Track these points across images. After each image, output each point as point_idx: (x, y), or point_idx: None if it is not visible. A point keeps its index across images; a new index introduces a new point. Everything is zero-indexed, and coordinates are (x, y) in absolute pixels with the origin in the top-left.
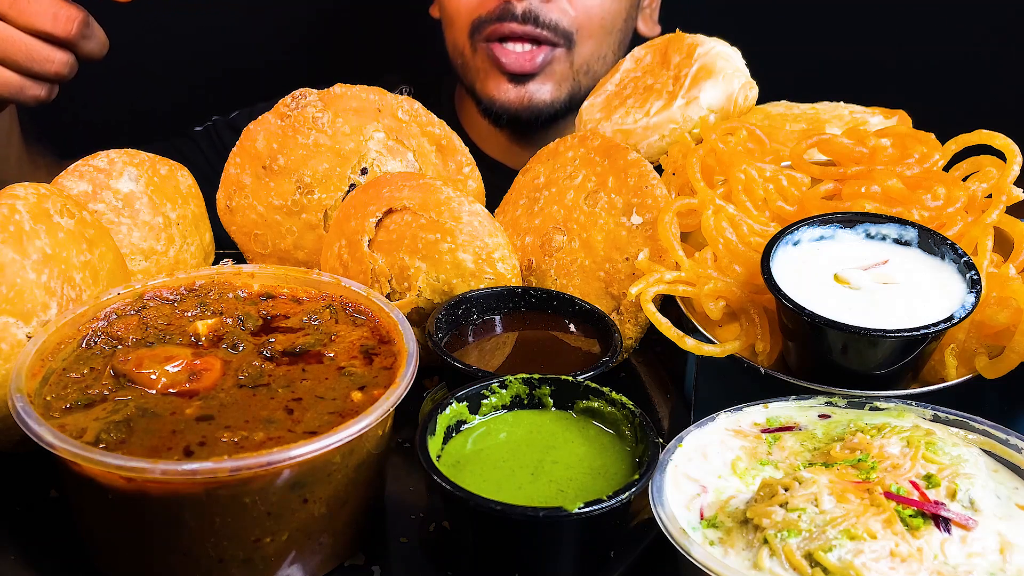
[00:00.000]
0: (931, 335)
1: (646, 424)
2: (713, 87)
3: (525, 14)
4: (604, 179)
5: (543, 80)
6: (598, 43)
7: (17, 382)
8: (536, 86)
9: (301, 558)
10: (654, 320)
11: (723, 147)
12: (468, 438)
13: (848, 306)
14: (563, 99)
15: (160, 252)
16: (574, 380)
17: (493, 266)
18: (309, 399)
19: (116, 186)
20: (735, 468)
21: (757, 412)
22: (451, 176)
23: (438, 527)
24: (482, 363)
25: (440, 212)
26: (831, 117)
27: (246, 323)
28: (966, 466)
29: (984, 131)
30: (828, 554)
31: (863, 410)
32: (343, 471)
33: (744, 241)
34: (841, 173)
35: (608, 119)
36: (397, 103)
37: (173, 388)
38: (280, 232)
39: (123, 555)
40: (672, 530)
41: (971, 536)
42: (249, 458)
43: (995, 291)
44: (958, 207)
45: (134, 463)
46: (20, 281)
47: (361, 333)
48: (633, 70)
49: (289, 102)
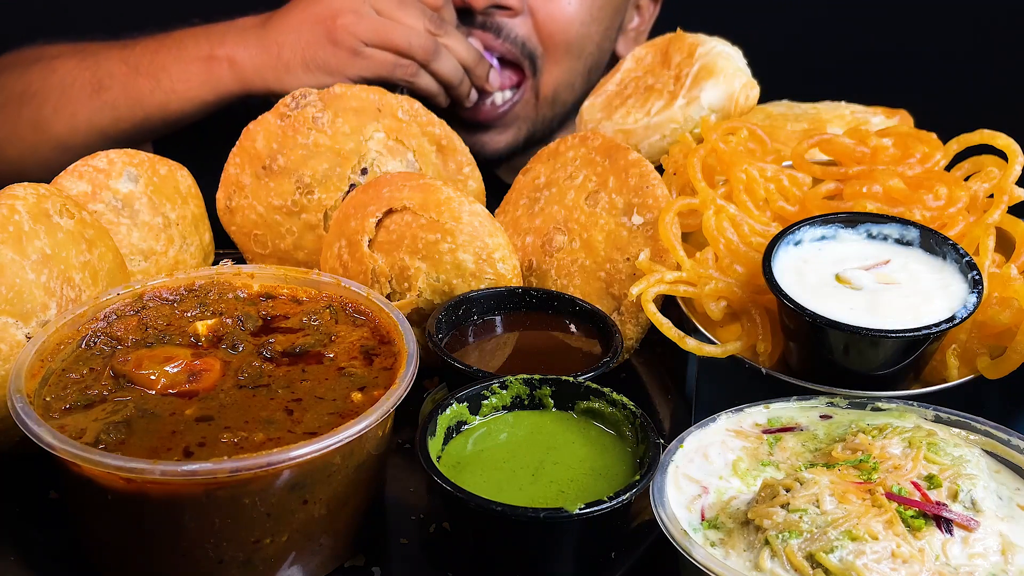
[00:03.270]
0: (933, 335)
1: (647, 425)
2: (714, 87)
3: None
4: (605, 179)
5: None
6: (566, 69)
7: (17, 383)
8: (489, 136)
9: (301, 559)
10: (655, 320)
11: (724, 147)
12: (468, 439)
13: (849, 306)
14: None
15: (160, 252)
16: (575, 381)
17: (493, 266)
18: (309, 400)
19: (115, 186)
20: (736, 469)
21: (758, 413)
22: (451, 176)
23: (438, 528)
24: (482, 364)
25: (440, 212)
26: (832, 117)
27: (246, 323)
28: (968, 467)
29: (986, 131)
30: (830, 555)
31: (864, 411)
32: (343, 472)
33: (745, 241)
34: (843, 173)
35: (609, 119)
36: (397, 103)
37: (173, 389)
38: (280, 232)
39: (122, 556)
40: (673, 531)
41: (973, 537)
42: (249, 459)
43: (997, 291)
44: (960, 207)
45: (134, 464)
46: (20, 281)
47: (361, 334)
48: (634, 70)
49: (289, 102)
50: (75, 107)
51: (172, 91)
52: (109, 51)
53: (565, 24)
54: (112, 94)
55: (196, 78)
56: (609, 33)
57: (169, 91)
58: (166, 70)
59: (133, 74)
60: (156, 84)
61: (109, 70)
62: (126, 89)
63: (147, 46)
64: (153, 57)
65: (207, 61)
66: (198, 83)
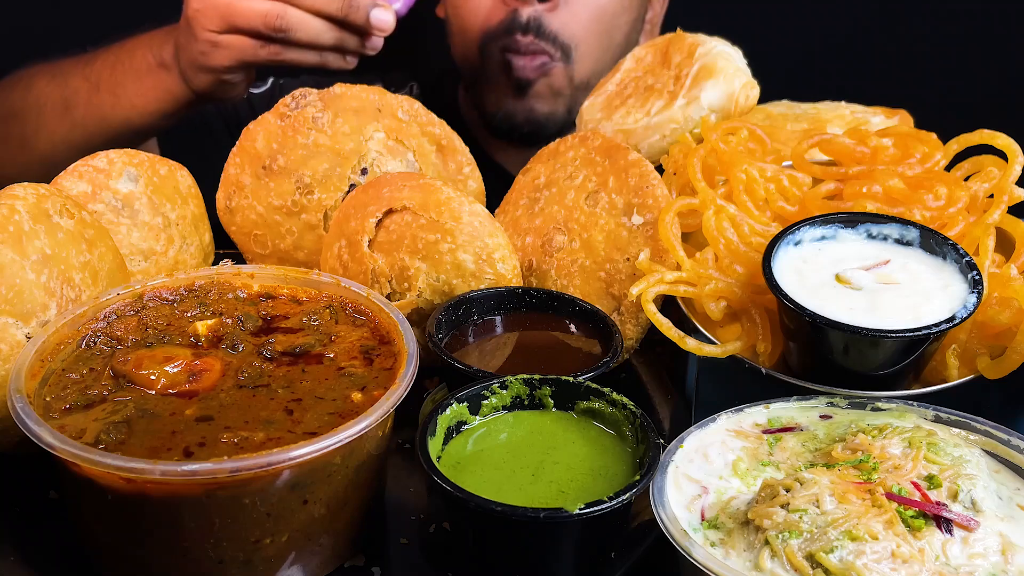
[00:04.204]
0: (933, 335)
1: (647, 425)
2: (714, 87)
3: (529, 22)
4: (605, 179)
5: (539, 92)
6: (597, 59)
7: (16, 383)
8: (535, 98)
9: (301, 559)
10: (655, 320)
11: (724, 147)
12: (468, 439)
13: (849, 306)
14: (561, 113)
15: (160, 252)
16: (575, 381)
17: (493, 266)
18: (309, 400)
19: (115, 186)
20: (736, 469)
21: (758, 413)
22: (451, 176)
23: (438, 528)
24: (482, 364)
25: (440, 212)
26: (832, 117)
27: (246, 323)
28: (968, 467)
29: (986, 131)
30: (829, 555)
31: (864, 411)
32: (343, 472)
33: (745, 241)
34: (843, 173)
35: (609, 119)
36: (397, 103)
37: (173, 389)
38: (280, 232)
39: (122, 556)
40: (673, 531)
41: (973, 537)
42: (249, 459)
43: (997, 291)
44: (960, 207)
45: (134, 464)
46: (20, 281)
47: (361, 334)
48: (634, 70)
49: (289, 102)
50: (51, 126)
51: (131, 106)
52: (74, 67)
53: (598, 14)
54: (79, 112)
55: (151, 91)
56: (636, 24)
57: (129, 107)
58: (123, 85)
59: (95, 91)
60: (116, 100)
61: (75, 87)
62: (90, 107)
63: (106, 59)
64: (112, 71)
65: (157, 70)
66: (153, 96)
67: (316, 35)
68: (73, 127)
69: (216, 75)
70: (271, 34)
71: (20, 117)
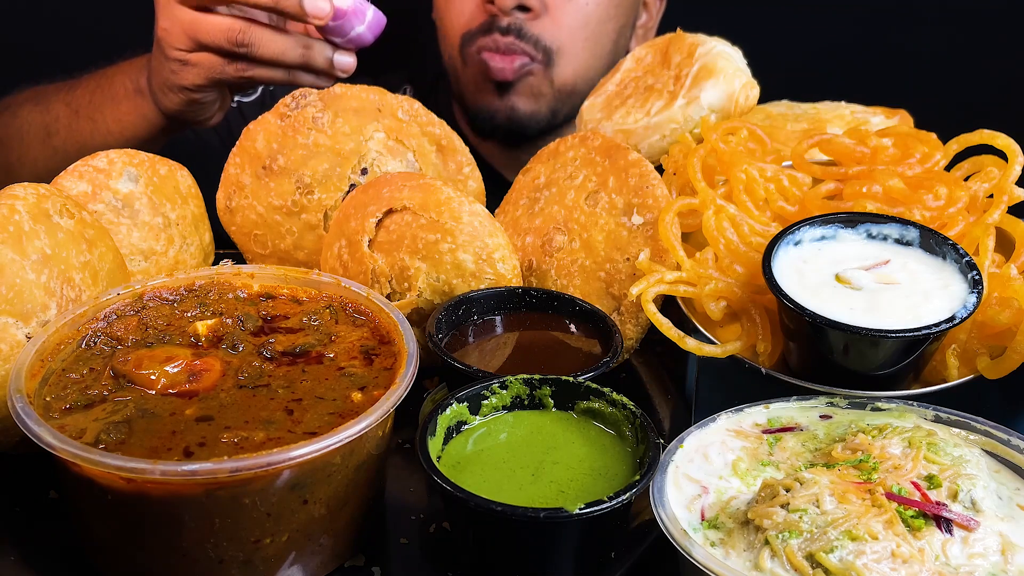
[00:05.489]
0: (933, 335)
1: (647, 425)
2: (714, 87)
3: (510, 25)
4: (605, 179)
5: (520, 92)
6: (581, 65)
7: (17, 383)
8: (516, 97)
9: (301, 559)
10: (655, 320)
11: (724, 147)
12: (468, 439)
13: (849, 306)
14: (544, 113)
15: (160, 252)
16: (575, 381)
17: (493, 266)
18: (309, 400)
19: (115, 186)
20: (736, 469)
21: (758, 413)
22: (451, 176)
23: (438, 528)
24: (482, 364)
25: (440, 212)
26: (832, 117)
27: (246, 323)
28: (968, 467)
29: (985, 131)
30: (829, 555)
31: (864, 411)
32: (343, 472)
33: (745, 241)
34: (842, 173)
35: (609, 119)
36: (397, 103)
37: (173, 389)
38: (280, 232)
39: (122, 556)
40: (673, 531)
41: (973, 537)
42: (249, 459)
43: (997, 291)
44: (960, 207)
45: (134, 464)
46: (20, 281)
47: (361, 334)
48: (634, 70)
49: (289, 102)
50: (33, 153)
51: (109, 133)
52: (57, 93)
53: (583, 22)
54: (60, 139)
55: (127, 117)
56: (625, 30)
57: (106, 133)
58: (101, 111)
59: (75, 117)
60: (95, 126)
61: (56, 114)
62: (70, 133)
63: (87, 85)
64: (91, 97)
65: (134, 96)
66: (130, 122)
67: (280, 52)
68: (54, 154)
69: (186, 94)
70: (234, 50)
71: (4, 144)
